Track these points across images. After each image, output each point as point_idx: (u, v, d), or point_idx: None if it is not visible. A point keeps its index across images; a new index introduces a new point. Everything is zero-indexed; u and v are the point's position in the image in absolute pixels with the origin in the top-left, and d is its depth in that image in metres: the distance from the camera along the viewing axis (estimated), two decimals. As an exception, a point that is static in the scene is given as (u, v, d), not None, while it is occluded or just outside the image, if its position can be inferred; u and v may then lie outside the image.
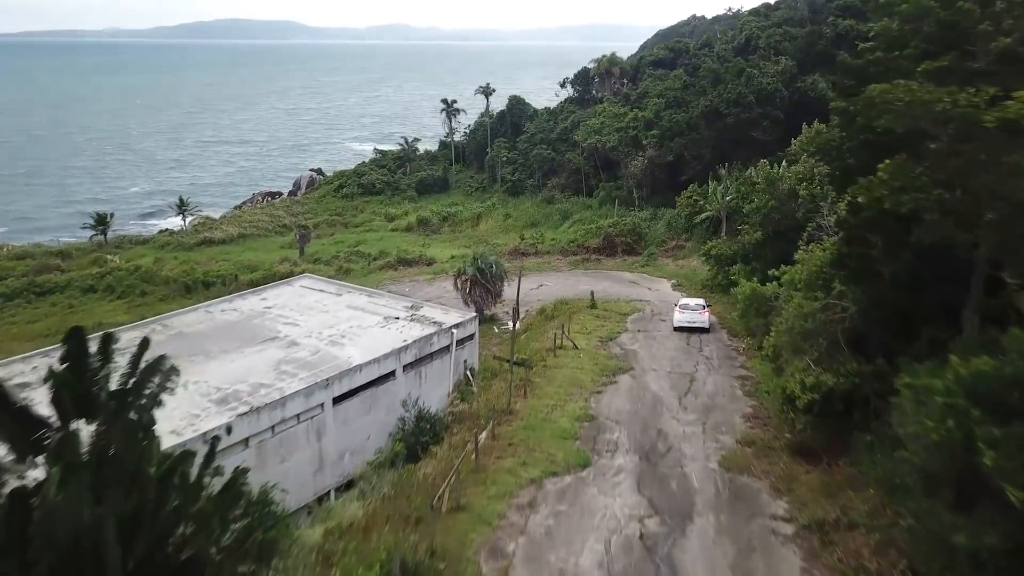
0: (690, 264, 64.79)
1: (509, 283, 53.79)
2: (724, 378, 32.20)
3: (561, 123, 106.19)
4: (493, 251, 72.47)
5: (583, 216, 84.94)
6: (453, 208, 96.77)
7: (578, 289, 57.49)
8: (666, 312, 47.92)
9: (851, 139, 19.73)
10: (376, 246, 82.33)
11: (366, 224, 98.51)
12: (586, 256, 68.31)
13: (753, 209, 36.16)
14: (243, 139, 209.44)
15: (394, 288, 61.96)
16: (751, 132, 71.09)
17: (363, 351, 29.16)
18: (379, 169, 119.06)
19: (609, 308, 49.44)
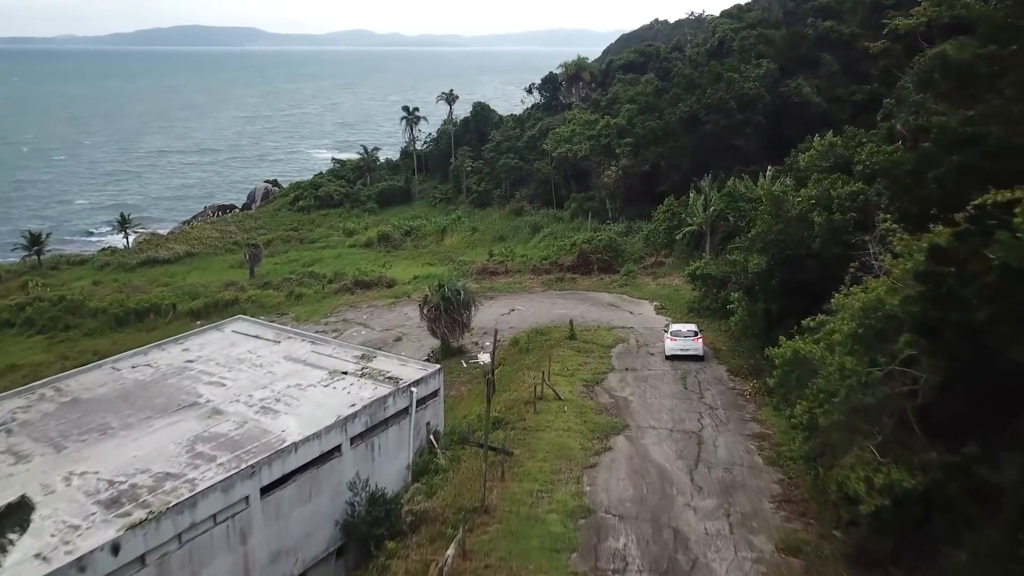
0: (672, 282, 60.02)
1: (478, 309, 48.54)
2: (736, 437, 27.22)
3: (528, 131, 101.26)
4: (460, 270, 67.21)
5: (554, 229, 79.99)
6: (416, 222, 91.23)
7: (553, 314, 52.36)
8: (653, 343, 43.01)
9: (936, 162, 14.77)
10: (332, 265, 76.50)
11: (323, 240, 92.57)
12: (560, 275, 63.23)
13: (757, 234, 31.22)
14: (197, 148, 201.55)
15: (351, 316, 56.35)
16: (732, 140, 66.67)
17: (302, 421, 23.62)
18: (337, 180, 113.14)
19: (590, 339, 44.34)
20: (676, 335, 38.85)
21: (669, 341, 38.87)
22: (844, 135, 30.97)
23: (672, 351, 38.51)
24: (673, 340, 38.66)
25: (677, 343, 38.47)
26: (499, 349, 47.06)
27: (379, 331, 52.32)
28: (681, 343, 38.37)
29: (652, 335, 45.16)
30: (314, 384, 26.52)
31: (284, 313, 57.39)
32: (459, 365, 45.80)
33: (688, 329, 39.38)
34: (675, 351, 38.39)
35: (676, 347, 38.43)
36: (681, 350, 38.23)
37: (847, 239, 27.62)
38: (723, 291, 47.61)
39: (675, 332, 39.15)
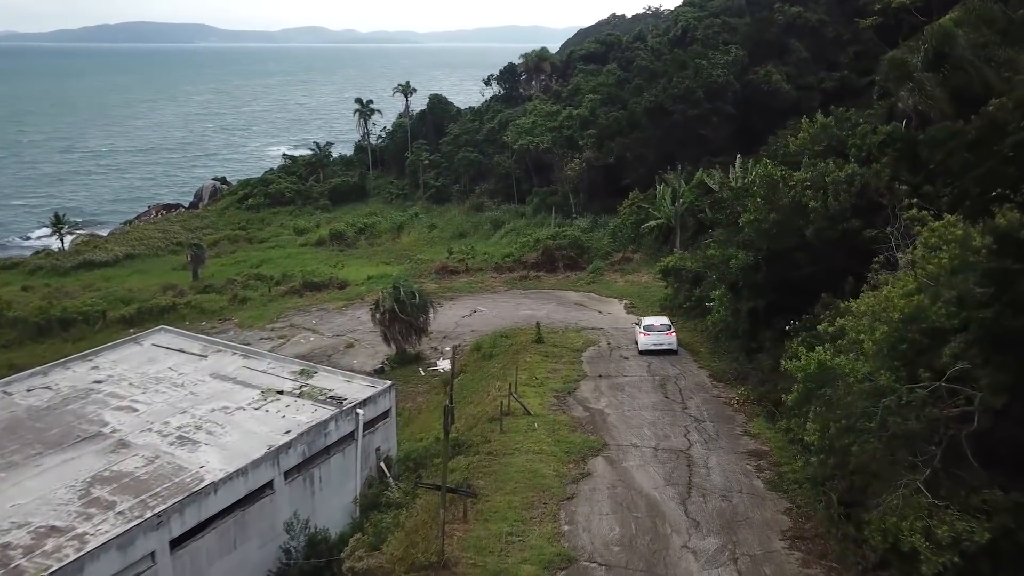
0: (640, 279, 56.98)
1: (436, 311, 44.93)
2: (730, 456, 24.04)
3: (488, 123, 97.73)
4: (418, 269, 63.52)
5: (516, 225, 76.61)
6: (371, 219, 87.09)
7: (518, 315, 48.93)
8: (626, 345, 39.82)
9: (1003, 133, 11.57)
10: (282, 266, 72.15)
11: (273, 239, 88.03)
12: (524, 273, 59.80)
13: (748, 223, 28.09)
14: (143, 147, 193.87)
15: (299, 320, 52.30)
16: (700, 130, 63.91)
17: (226, 454, 19.88)
18: (288, 177, 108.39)
19: (559, 342, 40.97)
20: (649, 329, 37.24)
21: (642, 336, 37.20)
22: (836, 116, 28.00)
23: (646, 346, 36.89)
24: (646, 335, 37.03)
25: (651, 338, 36.86)
26: (460, 355, 43.58)
27: (329, 337, 48.39)
28: (655, 337, 36.84)
29: (624, 336, 41.99)
30: (243, 407, 22.72)
31: (226, 319, 53.12)
32: (416, 373, 42.20)
33: (661, 323, 37.89)
34: (649, 346, 36.81)
35: (650, 342, 36.83)
36: (655, 345, 36.70)
37: (845, 227, 24.59)
38: (698, 288, 44.73)
39: (648, 326, 37.50)
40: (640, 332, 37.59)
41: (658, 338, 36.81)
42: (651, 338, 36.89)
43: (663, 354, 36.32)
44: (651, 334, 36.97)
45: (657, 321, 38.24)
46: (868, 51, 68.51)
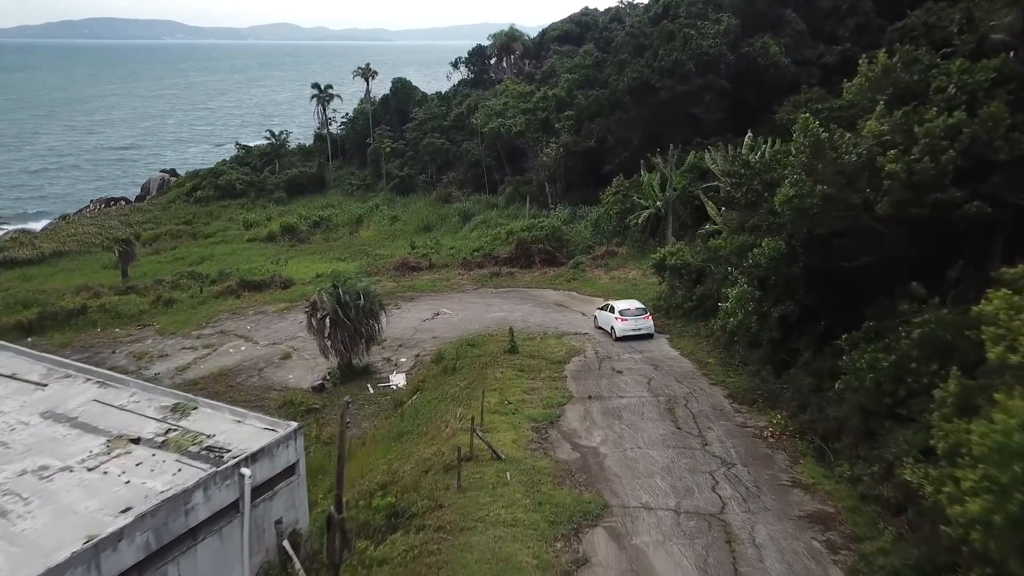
0: (627, 275, 50.09)
1: (389, 315, 37.63)
2: (784, 525, 17.02)
3: (456, 108, 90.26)
4: (375, 265, 56.09)
5: (487, 217, 69.38)
6: (327, 211, 79.39)
7: (488, 318, 41.81)
8: (618, 355, 32.98)
9: None
10: (224, 263, 64.40)
11: (220, 234, 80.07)
12: (495, 269, 52.60)
13: (786, 199, 21.08)
14: (96, 143, 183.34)
15: (231, 326, 44.66)
16: (690, 108, 57.04)
17: (20, 552, 12.48)
18: (241, 167, 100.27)
19: (536, 351, 33.91)
20: (626, 314, 35.29)
21: (619, 322, 35.11)
22: (901, 55, 21.13)
23: (624, 332, 34.95)
24: (624, 320, 35.09)
25: (629, 323, 35.01)
26: (418, 367, 36.38)
27: (264, 346, 40.84)
28: (633, 322, 35.02)
29: (616, 344, 35.07)
30: (73, 465, 15.28)
31: (145, 324, 45.31)
32: (364, 391, 34.82)
33: (636, 307, 36.01)
34: (627, 331, 34.93)
35: (628, 327, 34.96)
36: (633, 330, 34.94)
37: (938, 199, 17.67)
38: (700, 285, 37.87)
39: (624, 311, 35.50)
40: (617, 318, 35.22)
41: (636, 322, 34.96)
42: (629, 323, 34.91)
43: (641, 339, 34.73)
44: (629, 319, 34.98)
45: (632, 305, 36.16)
46: (870, 23, 62.14)
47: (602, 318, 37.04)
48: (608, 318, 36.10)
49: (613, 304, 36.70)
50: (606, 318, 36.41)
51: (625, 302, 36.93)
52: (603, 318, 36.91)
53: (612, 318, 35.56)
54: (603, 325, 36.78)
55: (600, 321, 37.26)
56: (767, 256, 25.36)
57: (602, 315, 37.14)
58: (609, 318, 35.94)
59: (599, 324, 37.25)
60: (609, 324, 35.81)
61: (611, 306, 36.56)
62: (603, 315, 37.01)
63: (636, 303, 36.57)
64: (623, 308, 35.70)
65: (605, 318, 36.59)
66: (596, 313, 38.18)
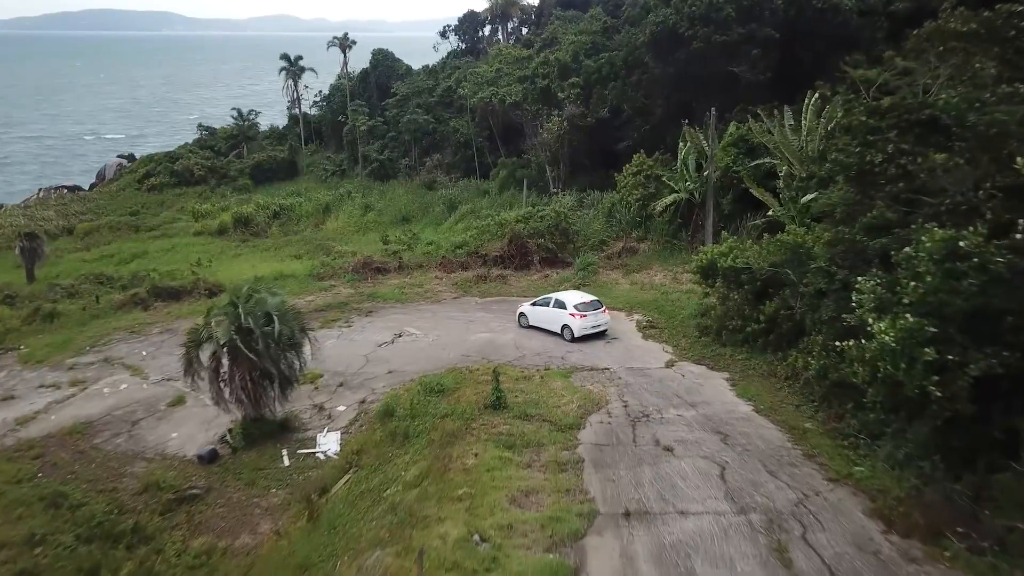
0: (652, 279, 38.54)
1: (317, 347, 25.99)
2: None
3: (444, 81, 78.31)
4: (332, 266, 44.44)
5: (477, 206, 57.68)
6: (290, 200, 67.64)
7: (469, 342, 30.37)
8: (658, 405, 21.52)
9: None
10: (157, 261, 52.95)
11: (166, 226, 68.34)
12: (482, 272, 40.97)
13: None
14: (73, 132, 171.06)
15: (122, 349, 33.15)
16: (729, 66, 45.15)
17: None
18: (202, 151, 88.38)
19: (533, 403, 22.41)
20: (583, 309, 29.95)
21: (576, 319, 29.67)
22: None
23: (584, 330, 29.73)
24: (582, 316, 29.75)
25: (588, 319, 29.83)
26: (360, 423, 24.85)
27: (153, 383, 29.12)
28: (593, 318, 29.93)
29: (651, 385, 23.67)
30: None
31: (8, 348, 33.67)
32: (278, 461, 23.20)
33: (590, 299, 30.94)
34: (588, 329, 29.83)
35: (587, 324, 29.81)
36: (593, 327, 29.94)
37: None
38: (769, 299, 26.23)
39: (580, 305, 30.08)
40: (573, 314, 29.70)
41: (596, 318, 29.93)
42: (588, 319, 29.73)
43: (598, 337, 29.71)
44: (588, 314, 29.76)
45: (585, 297, 31.06)
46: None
47: (539, 315, 30.93)
48: (553, 315, 30.23)
49: (560, 298, 30.75)
50: (549, 316, 30.43)
51: (575, 294, 31.63)
52: (541, 315, 30.81)
53: (563, 315, 29.86)
54: (543, 324, 30.68)
55: (534, 319, 31.11)
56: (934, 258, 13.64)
57: (539, 312, 31.00)
58: (556, 315, 30.14)
59: (532, 323, 31.11)
60: (558, 323, 30.00)
61: (557, 300, 30.59)
62: (541, 312, 30.90)
63: (588, 295, 31.42)
64: (578, 302, 30.06)
65: (547, 315, 30.56)
66: (524, 310, 31.77)
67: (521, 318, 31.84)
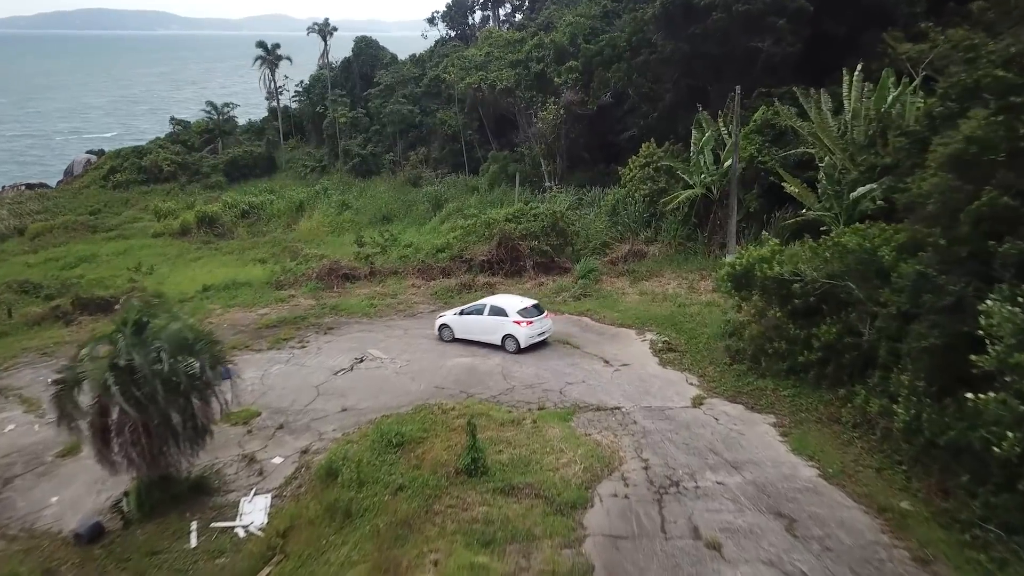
0: (665, 288, 32.78)
1: (238, 382, 20.08)
2: None
3: (431, 70, 72.47)
4: (294, 272, 38.72)
5: (465, 204, 51.85)
6: (261, 197, 61.77)
7: (444, 369, 24.74)
8: (690, 466, 15.88)
9: None
10: (105, 266, 47.20)
11: (126, 226, 62.43)
12: (466, 279, 35.14)
13: None
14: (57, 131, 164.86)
15: (24, 376, 27.19)
16: (752, 42, 39.41)
17: None
18: (173, 146, 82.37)
19: (520, 466, 16.63)
20: (527, 316, 26.19)
21: (522, 327, 25.83)
22: None
23: (531, 339, 25.97)
24: (528, 323, 25.97)
25: (535, 326, 26.12)
26: (300, 482, 19.05)
27: (49, 421, 23.21)
28: (538, 325, 26.27)
29: (677, 433, 18.09)
30: None
31: None
32: (182, 540, 17.36)
33: (531, 304, 27.23)
34: (534, 338, 26.07)
35: (533, 332, 26.06)
36: (540, 335, 26.27)
37: None
38: (824, 320, 20.44)
39: (524, 311, 26.35)
40: (518, 322, 25.99)
41: (541, 324, 26.51)
42: (535, 327, 26.22)
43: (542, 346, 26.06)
44: (533, 321, 26.23)
45: (526, 302, 27.35)
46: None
47: (470, 326, 26.97)
48: (491, 324, 26.36)
49: (497, 304, 26.92)
50: (485, 325, 26.51)
51: (513, 298, 27.92)
52: (473, 326, 26.87)
53: (504, 324, 26.05)
54: (475, 336, 26.84)
55: (463, 331, 27.16)
56: None
57: (469, 321, 27.02)
58: (494, 324, 26.28)
59: (459, 335, 27.20)
60: (498, 333, 26.22)
61: (494, 307, 26.74)
62: (472, 321, 26.92)
63: (527, 299, 28.00)
64: (521, 307, 26.51)
65: (481, 325, 26.63)
66: (448, 320, 27.65)
67: (443, 331, 27.60)
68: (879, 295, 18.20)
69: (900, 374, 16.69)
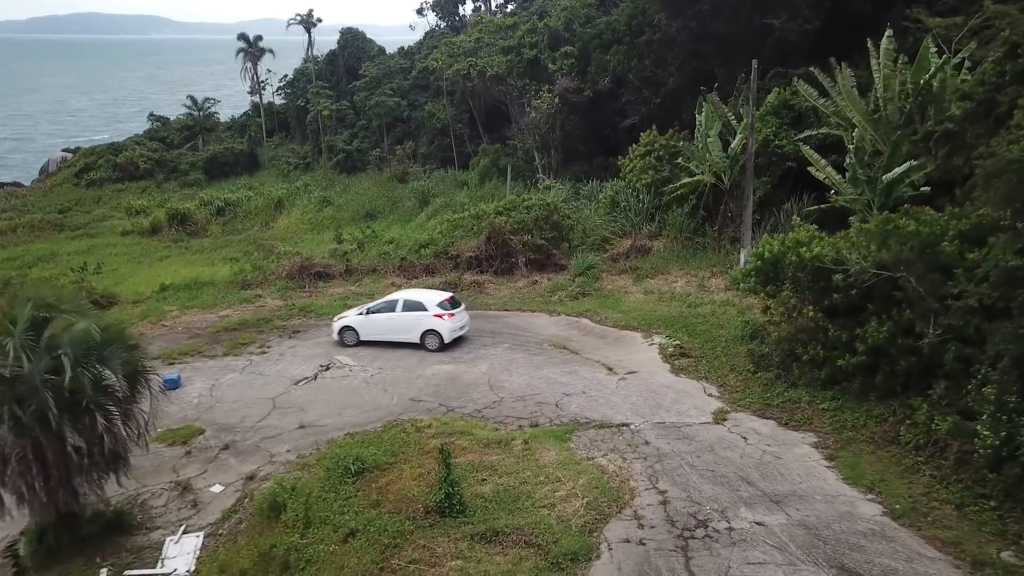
0: (672, 286, 29.41)
1: (161, 396, 16.56)
2: None
3: (420, 62, 69.08)
4: (264, 271, 35.27)
5: (453, 200, 48.46)
6: (239, 193, 58.32)
7: (423, 379, 21.50)
8: (719, 500, 12.31)
9: None
10: (63, 264, 43.67)
11: (94, 225, 58.90)
12: (452, 277, 31.76)
13: None
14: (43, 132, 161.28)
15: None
16: (766, 18, 36.10)
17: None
18: (150, 142, 78.79)
19: (506, 495, 13.24)
20: (446, 308, 24.33)
21: (444, 320, 23.88)
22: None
23: (454, 333, 24.22)
24: (450, 316, 24.09)
25: (457, 319, 24.37)
26: (240, 519, 15.57)
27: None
28: (460, 318, 24.62)
29: (699, 457, 14.66)
30: None
31: None
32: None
33: (448, 295, 25.60)
34: (457, 332, 24.35)
35: (455, 326, 24.26)
36: (461, 328, 24.64)
37: None
38: (879, 320, 17.04)
39: (444, 304, 24.45)
40: (439, 315, 23.94)
41: (462, 318, 24.73)
42: (456, 319, 24.31)
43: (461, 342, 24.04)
44: (455, 313, 24.33)
45: (443, 295, 25.46)
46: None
47: (380, 326, 24.59)
48: (406, 321, 24.27)
49: (411, 298, 25.05)
50: (399, 323, 24.37)
51: (428, 292, 26.25)
52: (385, 325, 24.52)
53: (423, 319, 24.09)
54: (387, 336, 24.53)
55: (370, 331, 24.69)
56: None
57: (378, 321, 24.59)
58: (410, 321, 24.22)
59: (366, 336, 24.73)
60: (417, 330, 24.15)
61: (408, 302, 24.77)
62: (382, 320, 24.54)
63: (440, 292, 26.45)
64: (440, 300, 24.79)
65: (394, 324, 24.44)
66: (351, 322, 25.05)
67: (345, 334, 24.93)
68: (946, 289, 14.86)
69: (981, 386, 13.34)
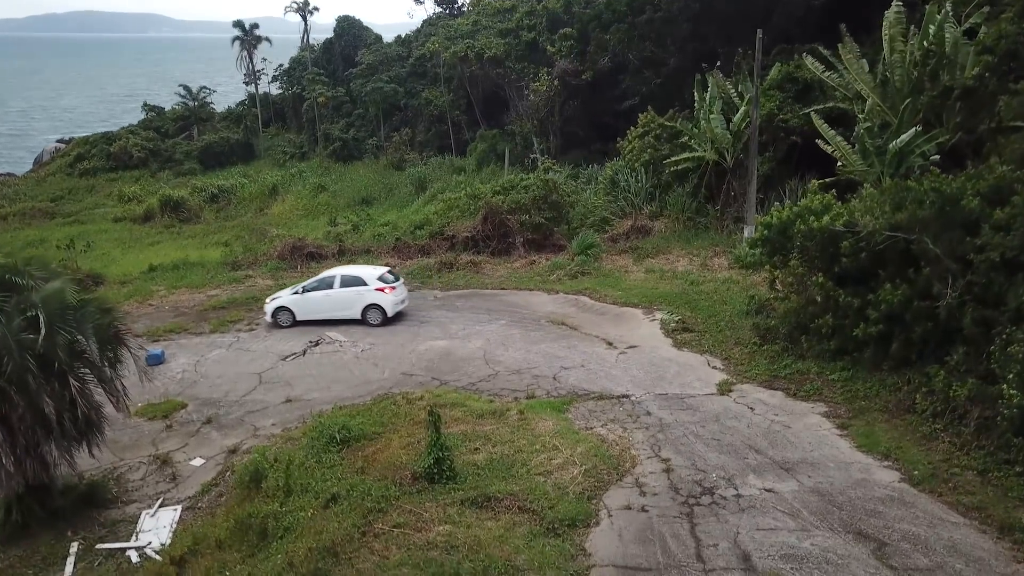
0: (674, 265, 28.68)
1: (142, 363, 15.72)
2: None
3: (418, 50, 68.18)
4: (254, 252, 34.52)
5: (450, 185, 47.63)
6: (232, 180, 57.52)
7: (415, 353, 20.66)
8: (727, 469, 11.50)
9: None
10: (46, 249, 42.86)
11: (86, 212, 58.08)
12: (448, 257, 30.96)
13: None
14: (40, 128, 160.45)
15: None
16: None
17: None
18: (145, 132, 77.86)
19: (500, 463, 12.46)
20: (388, 282, 24.14)
21: (386, 293, 23.67)
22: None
23: (397, 307, 23.98)
24: (391, 289, 23.88)
25: (398, 292, 24.20)
26: (222, 490, 14.77)
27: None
28: (400, 291, 24.43)
29: (704, 427, 13.81)
30: None
31: None
32: (54, 568, 13.12)
33: (385, 269, 25.38)
34: (399, 306, 24.15)
35: (398, 299, 24.13)
36: (403, 302, 24.46)
37: None
38: (883, 285, 16.27)
39: (383, 277, 24.22)
40: (381, 289, 23.64)
41: (402, 292, 24.55)
42: (398, 293, 24.14)
43: None
44: (396, 286, 24.13)
45: (380, 269, 25.06)
46: None
47: (317, 304, 23.82)
48: (346, 298, 23.68)
49: (350, 273, 24.64)
50: (339, 300, 23.72)
51: (366, 267, 25.97)
52: (322, 303, 23.80)
53: (364, 294, 23.62)
54: (326, 314, 23.76)
55: (307, 310, 23.82)
56: None
57: (315, 299, 23.85)
58: (350, 297, 23.68)
59: (303, 316, 23.82)
60: (358, 306, 23.59)
61: (347, 277, 24.27)
62: (319, 298, 23.80)
63: (377, 267, 26.08)
64: (380, 275, 24.33)
65: (332, 301, 23.76)
66: (285, 302, 24.11)
67: (280, 314, 24.00)
68: (965, 247, 14.08)
69: (1006, 346, 12.55)
